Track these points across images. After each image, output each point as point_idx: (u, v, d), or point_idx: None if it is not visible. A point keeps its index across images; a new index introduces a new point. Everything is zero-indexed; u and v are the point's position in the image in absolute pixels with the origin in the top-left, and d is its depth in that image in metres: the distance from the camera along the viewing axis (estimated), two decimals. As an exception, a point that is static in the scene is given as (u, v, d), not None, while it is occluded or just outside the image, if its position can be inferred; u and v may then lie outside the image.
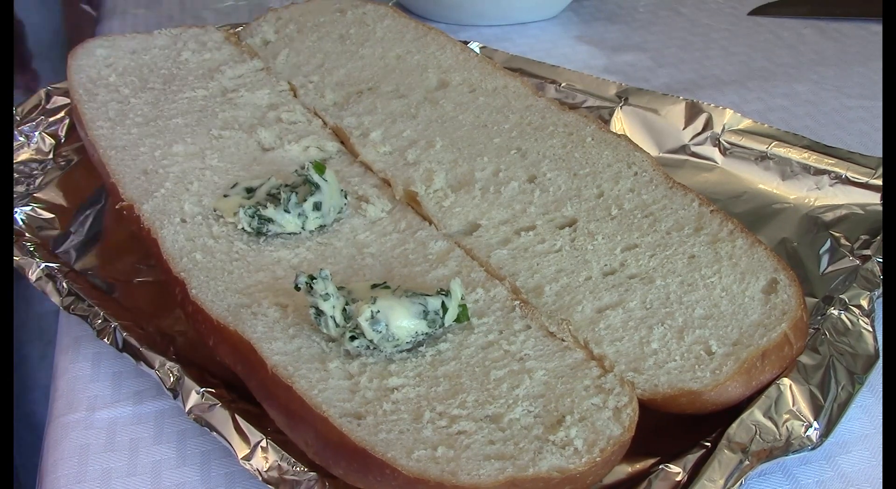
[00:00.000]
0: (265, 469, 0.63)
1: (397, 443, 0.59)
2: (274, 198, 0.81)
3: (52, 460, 0.71)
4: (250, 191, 0.84)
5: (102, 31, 1.46)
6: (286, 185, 0.82)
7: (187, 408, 0.68)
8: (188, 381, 0.69)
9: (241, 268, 0.76)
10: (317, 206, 0.80)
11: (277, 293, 0.73)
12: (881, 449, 0.66)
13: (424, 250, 0.78)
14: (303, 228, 0.80)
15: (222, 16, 1.47)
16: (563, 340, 0.69)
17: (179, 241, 0.79)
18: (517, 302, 0.72)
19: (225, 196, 0.84)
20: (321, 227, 0.81)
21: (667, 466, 0.62)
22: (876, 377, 0.68)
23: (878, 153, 0.92)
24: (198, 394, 0.68)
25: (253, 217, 0.79)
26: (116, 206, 0.86)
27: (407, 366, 0.66)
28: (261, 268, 0.76)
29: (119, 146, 0.92)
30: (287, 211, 0.79)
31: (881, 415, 0.68)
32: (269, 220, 0.79)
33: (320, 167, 0.80)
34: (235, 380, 0.70)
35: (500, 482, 0.57)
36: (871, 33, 1.35)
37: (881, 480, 0.65)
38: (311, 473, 0.62)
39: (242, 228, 0.80)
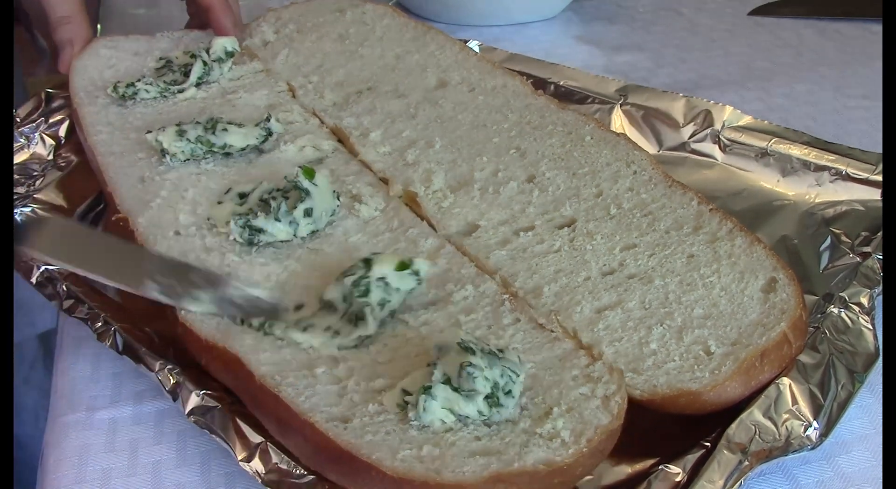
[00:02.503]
0: (264, 471, 0.63)
1: (383, 444, 0.59)
2: (265, 204, 0.80)
3: (52, 460, 0.71)
4: (243, 196, 0.83)
5: (102, 31, 1.46)
6: (277, 190, 0.81)
7: (187, 411, 0.68)
8: (188, 384, 0.69)
9: None
10: (308, 212, 0.79)
11: None
12: (881, 449, 0.66)
13: (415, 248, 0.78)
14: (294, 235, 0.79)
15: (222, 16, 1.47)
16: (552, 332, 0.69)
17: (173, 257, 0.78)
18: (506, 296, 0.72)
19: (219, 202, 0.83)
20: (313, 231, 0.80)
21: (666, 467, 0.62)
22: (876, 376, 0.68)
23: (878, 152, 0.92)
24: (197, 396, 0.68)
25: (244, 228, 0.78)
26: (113, 218, 0.85)
27: (395, 367, 0.66)
28: (251, 282, 0.75)
29: (117, 152, 0.91)
30: (277, 220, 0.78)
31: (881, 415, 0.68)
32: (260, 230, 0.78)
33: (310, 172, 0.79)
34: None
35: (484, 478, 0.57)
36: (871, 33, 1.35)
37: (881, 480, 0.64)
38: (310, 477, 0.62)
39: (234, 239, 0.79)
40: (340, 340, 0.68)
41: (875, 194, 0.90)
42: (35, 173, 1.03)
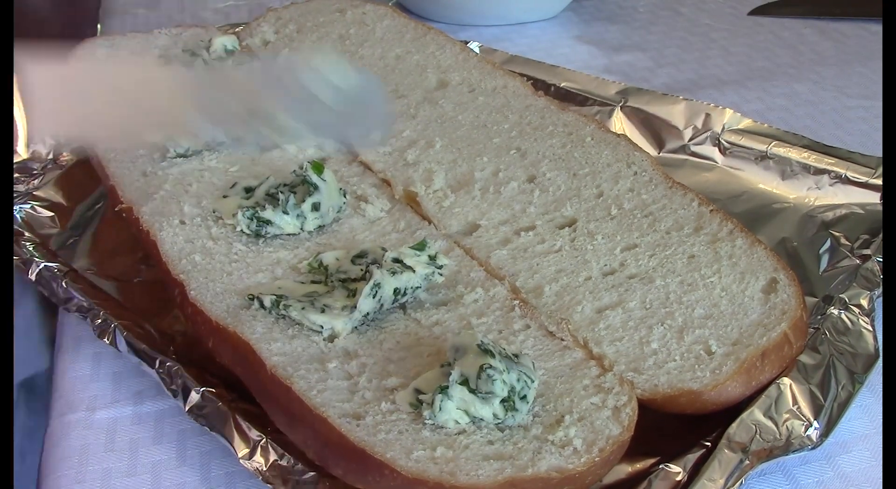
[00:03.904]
0: (265, 468, 0.63)
1: (396, 443, 0.59)
2: (272, 198, 0.80)
3: (52, 460, 0.71)
4: (249, 191, 0.83)
5: (102, 30, 1.46)
6: (285, 185, 0.82)
7: (187, 408, 0.68)
8: (188, 381, 0.69)
9: (240, 269, 0.76)
10: (315, 207, 0.79)
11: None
12: (881, 449, 0.66)
13: None
14: (301, 229, 0.80)
15: (222, 16, 1.47)
16: (562, 340, 0.69)
17: (178, 242, 0.78)
18: (517, 301, 0.72)
19: (224, 196, 0.84)
20: (320, 227, 0.81)
21: (667, 466, 0.62)
22: (876, 377, 0.68)
23: (878, 153, 0.92)
24: (197, 393, 0.68)
25: (251, 219, 0.79)
26: (116, 209, 0.85)
27: (406, 366, 0.66)
28: (260, 270, 0.76)
29: (118, 148, 0.92)
30: (286, 212, 0.79)
31: (881, 415, 0.68)
32: (268, 222, 0.79)
33: (319, 167, 0.80)
34: (235, 379, 0.70)
35: (498, 482, 0.57)
36: (871, 33, 1.35)
37: (881, 480, 0.64)
38: (311, 473, 0.62)
39: (241, 230, 0.80)
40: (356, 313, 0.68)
41: (874, 198, 0.90)
42: (35, 171, 1.03)
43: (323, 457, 0.62)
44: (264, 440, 0.64)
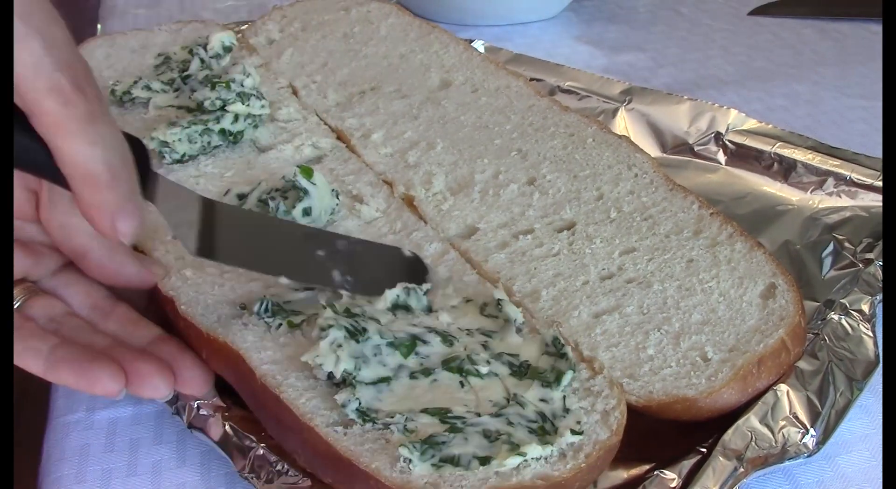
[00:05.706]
0: (261, 475, 0.63)
1: (383, 452, 0.59)
2: (264, 205, 0.80)
3: (52, 460, 0.72)
4: (242, 197, 0.82)
5: (102, 30, 1.46)
6: (276, 190, 0.81)
7: (186, 423, 0.69)
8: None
9: (231, 279, 0.75)
10: (307, 212, 0.79)
11: None
12: (881, 449, 0.66)
13: (419, 252, 0.78)
14: None
15: (222, 16, 1.47)
16: None
17: (168, 260, 0.77)
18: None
19: None
20: None
21: (662, 472, 0.62)
22: (876, 379, 0.68)
23: (878, 153, 0.92)
24: (193, 407, 0.69)
25: None
26: None
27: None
28: (253, 279, 0.75)
29: None
30: None
31: (881, 414, 0.68)
32: None
33: (308, 171, 0.79)
34: (230, 388, 0.70)
35: None
36: (871, 33, 1.35)
37: (881, 480, 0.64)
38: (307, 480, 0.62)
39: None
40: None
41: (879, 200, 0.90)
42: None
43: (312, 465, 0.62)
44: (259, 448, 0.64)
